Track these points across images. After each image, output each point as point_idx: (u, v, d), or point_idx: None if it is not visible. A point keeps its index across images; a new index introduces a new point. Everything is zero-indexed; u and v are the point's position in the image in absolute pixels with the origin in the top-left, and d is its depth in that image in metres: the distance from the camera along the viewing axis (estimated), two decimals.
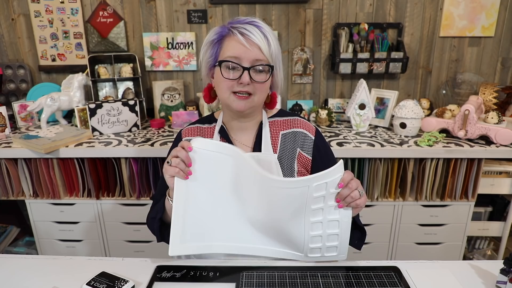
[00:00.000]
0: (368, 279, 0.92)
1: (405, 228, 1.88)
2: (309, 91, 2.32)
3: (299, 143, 1.06)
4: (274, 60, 0.99)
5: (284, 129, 1.08)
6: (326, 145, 1.11)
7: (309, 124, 1.10)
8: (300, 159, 1.05)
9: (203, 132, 1.10)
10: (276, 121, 1.09)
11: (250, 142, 1.07)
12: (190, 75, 2.32)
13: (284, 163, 1.03)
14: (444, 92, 2.27)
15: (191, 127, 1.12)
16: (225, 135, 1.07)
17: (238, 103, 0.97)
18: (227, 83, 0.97)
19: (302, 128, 1.08)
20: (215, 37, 0.99)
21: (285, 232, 0.92)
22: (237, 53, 0.95)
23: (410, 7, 2.16)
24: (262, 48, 0.95)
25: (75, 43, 2.24)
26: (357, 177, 1.81)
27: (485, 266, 0.97)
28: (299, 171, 1.04)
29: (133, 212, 1.86)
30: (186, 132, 1.11)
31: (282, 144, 1.05)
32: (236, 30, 0.95)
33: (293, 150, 1.05)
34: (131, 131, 2.01)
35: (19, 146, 1.76)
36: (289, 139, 1.06)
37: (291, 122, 1.09)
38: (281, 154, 1.04)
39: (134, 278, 0.91)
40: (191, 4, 2.18)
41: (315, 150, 1.06)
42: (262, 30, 0.96)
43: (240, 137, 1.08)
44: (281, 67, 1.04)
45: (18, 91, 2.30)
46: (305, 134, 1.07)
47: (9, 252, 2.09)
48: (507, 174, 1.87)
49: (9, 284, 0.91)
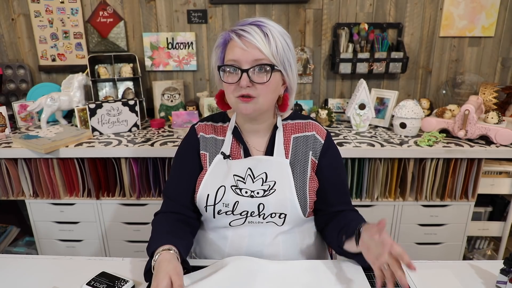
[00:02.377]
0: (368, 279, 0.92)
1: (405, 228, 1.88)
2: (309, 91, 2.32)
3: (310, 147, 1.05)
4: (280, 60, 0.94)
5: (296, 132, 1.06)
6: (336, 150, 1.09)
7: (320, 128, 1.08)
8: (312, 164, 1.04)
9: (217, 130, 1.08)
10: (288, 124, 1.07)
11: (263, 146, 1.06)
12: (190, 75, 2.32)
13: (297, 168, 1.02)
14: (444, 92, 2.27)
15: (204, 124, 1.10)
16: (239, 136, 1.05)
17: (244, 107, 0.95)
18: (230, 88, 0.95)
19: (313, 131, 1.06)
20: (220, 42, 0.98)
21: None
22: (236, 56, 0.92)
23: (410, 7, 2.16)
24: (261, 48, 0.91)
25: (75, 43, 2.24)
26: (357, 177, 1.81)
27: (485, 266, 0.97)
28: (311, 176, 1.03)
29: (133, 212, 1.86)
30: (201, 128, 1.09)
31: (293, 148, 1.04)
32: (234, 33, 0.93)
33: (306, 154, 1.04)
34: (131, 131, 2.01)
35: (19, 146, 1.76)
36: (301, 143, 1.05)
37: (303, 125, 1.07)
38: (293, 158, 1.03)
39: (134, 278, 0.91)
40: (191, 4, 2.18)
41: (322, 154, 1.05)
42: (264, 29, 0.92)
43: (253, 140, 1.06)
44: (292, 67, 0.98)
45: (18, 91, 2.30)
46: (315, 137, 1.05)
47: (9, 252, 2.09)
48: (507, 174, 1.87)
49: (9, 284, 0.91)
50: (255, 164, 1.01)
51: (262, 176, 0.99)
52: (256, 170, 1.00)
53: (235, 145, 1.06)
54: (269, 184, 0.99)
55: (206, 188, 1.00)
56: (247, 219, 0.99)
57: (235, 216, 0.99)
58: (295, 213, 0.99)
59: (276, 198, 0.98)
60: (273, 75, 0.94)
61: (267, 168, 1.00)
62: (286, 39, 0.96)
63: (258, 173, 1.00)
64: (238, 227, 1.01)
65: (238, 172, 1.00)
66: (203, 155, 1.06)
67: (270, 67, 0.93)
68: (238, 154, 1.05)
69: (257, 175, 1.00)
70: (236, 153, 1.05)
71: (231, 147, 1.05)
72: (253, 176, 1.00)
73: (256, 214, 0.99)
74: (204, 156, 1.06)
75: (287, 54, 0.95)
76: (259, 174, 1.00)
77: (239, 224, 1.01)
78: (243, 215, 0.99)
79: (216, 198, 0.98)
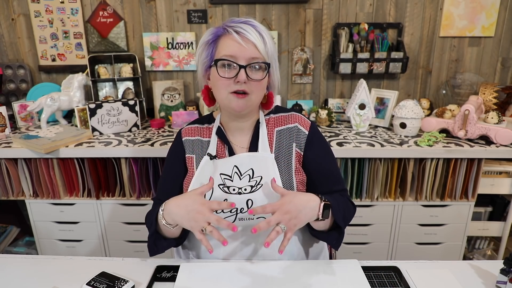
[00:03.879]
0: (368, 279, 0.92)
1: (405, 228, 1.88)
2: (309, 91, 2.32)
3: (294, 138, 1.05)
4: (270, 59, 0.98)
5: (278, 125, 1.07)
6: (322, 140, 1.09)
7: (304, 119, 1.08)
8: (296, 156, 1.04)
9: (202, 132, 1.10)
10: (271, 118, 1.09)
11: (246, 143, 1.07)
12: (190, 75, 2.32)
13: (281, 161, 1.03)
14: (444, 92, 2.27)
15: (190, 126, 1.13)
16: (222, 136, 1.06)
17: (236, 103, 0.96)
18: (224, 82, 0.96)
19: (296, 123, 1.07)
20: (210, 37, 0.99)
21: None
22: (233, 52, 0.94)
23: (410, 7, 2.16)
24: (258, 46, 0.94)
25: (75, 43, 2.24)
26: (357, 177, 1.81)
27: (485, 266, 0.97)
28: (296, 169, 1.03)
29: (133, 212, 1.86)
30: (186, 132, 1.12)
31: (277, 142, 1.05)
32: (231, 29, 0.95)
33: (289, 147, 1.04)
34: (131, 131, 2.01)
35: (19, 146, 1.76)
36: (284, 135, 1.06)
37: (285, 118, 1.08)
38: (277, 152, 1.04)
39: (134, 278, 0.91)
40: (191, 4, 2.18)
41: (307, 145, 1.05)
42: (257, 29, 0.96)
43: (237, 138, 1.08)
44: (277, 66, 1.04)
45: (18, 91, 2.30)
46: (299, 128, 1.06)
47: (9, 252, 2.09)
48: (507, 174, 1.87)
49: (9, 284, 0.91)
50: (240, 161, 1.02)
51: (248, 172, 1.00)
52: (242, 167, 1.01)
53: (220, 145, 1.07)
54: (256, 180, 1.00)
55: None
56: (237, 215, 1.00)
57: (225, 213, 1.00)
58: None
59: (263, 193, 0.99)
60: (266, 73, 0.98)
61: (253, 164, 1.01)
62: (272, 40, 1.01)
63: (245, 169, 1.01)
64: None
65: (225, 171, 1.01)
66: (190, 158, 1.08)
67: (266, 65, 0.96)
68: (223, 153, 1.06)
69: (244, 172, 1.01)
70: (221, 152, 1.06)
71: (217, 147, 1.06)
72: (240, 173, 1.01)
73: (245, 210, 0.99)
74: (190, 159, 1.08)
75: (274, 54, 1.01)
76: (246, 171, 1.00)
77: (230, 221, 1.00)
78: (233, 212, 1.00)
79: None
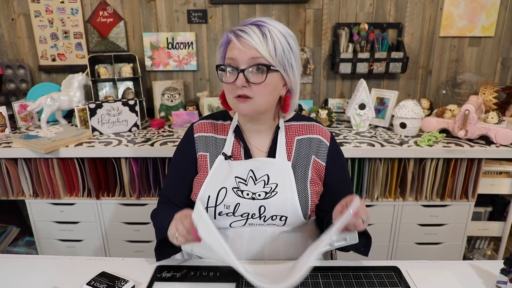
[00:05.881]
0: (368, 279, 0.92)
1: (405, 228, 1.88)
2: (309, 91, 2.32)
3: (314, 150, 1.04)
4: (279, 60, 0.91)
5: (299, 134, 1.06)
6: (340, 152, 1.10)
7: (324, 130, 1.08)
8: (315, 166, 1.03)
9: (216, 128, 1.08)
10: (291, 125, 1.07)
11: (266, 147, 1.05)
12: (190, 75, 2.32)
13: (298, 171, 1.01)
14: (444, 92, 2.27)
15: (204, 122, 1.09)
16: (240, 135, 1.05)
17: (241, 107, 0.94)
18: (228, 87, 0.95)
19: (317, 134, 1.06)
20: (222, 41, 0.98)
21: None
22: (234, 55, 0.92)
23: (410, 7, 2.16)
24: (258, 48, 0.89)
25: (75, 43, 2.24)
26: (357, 177, 1.81)
27: (485, 266, 0.97)
28: (311, 179, 1.02)
29: (133, 212, 1.86)
30: (199, 127, 1.08)
31: (296, 150, 1.04)
32: (232, 34, 0.93)
33: (308, 157, 1.04)
34: (131, 131, 2.01)
35: (19, 146, 1.76)
36: (304, 145, 1.04)
37: (307, 127, 1.07)
38: (295, 160, 1.02)
39: (134, 278, 0.91)
40: (191, 4, 2.18)
41: (329, 157, 1.05)
42: (263, 29, 0.90)
43: (255, 140, 1.06)
44: (294, 67, 0.96)
45: (18, 91, 2.30)
46: (320, 140, 1.05)
47: (9, 252, 2.09)
48: (507, 174, 1.87)
49: (9, 284, 0.91)
50: (257, 166, 1.00)
51: (264, 178, 0.99)
52: (258, 172, 0.99)
53: (236, 144, 1.05)
54: (271, 187, 0.98)
55: (207, 189, 1.00)
56: (247, 221, 0.99)
57: (236, 217, 0.99)
58: (296, 216, 0.99)
59: (277, 201, 0.97)
60: (270, 76, 0.92)
61: (269, 170, 1.00)
62: (289, 39, 0.93)
63: (260, 175, 0.99)
64: (239, 227, 1.01)
65: (240, 174, 1.00)
66: (203, 156, 1.05)
67: (266, 67, 0.90)
68: (239, 153, 1.04)
69: (259, 177, 0.99)
70: (236, 152, 1.04)
71: (232, 147, 1.05)
72: (255, 178, 0.99)
73: (257, 216, 0.98)
74: (204, 157, 1.05)
75: (288, 54, 0.93)
76: (261, 176, 0.99)
77: (239, 225, 1.01)
78: (244, 217, 0.99)
79: (217, 199, 0.98)
